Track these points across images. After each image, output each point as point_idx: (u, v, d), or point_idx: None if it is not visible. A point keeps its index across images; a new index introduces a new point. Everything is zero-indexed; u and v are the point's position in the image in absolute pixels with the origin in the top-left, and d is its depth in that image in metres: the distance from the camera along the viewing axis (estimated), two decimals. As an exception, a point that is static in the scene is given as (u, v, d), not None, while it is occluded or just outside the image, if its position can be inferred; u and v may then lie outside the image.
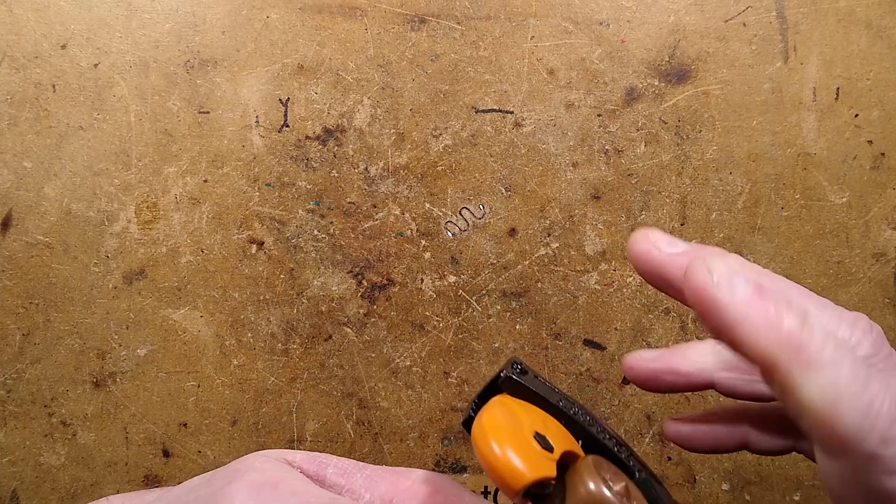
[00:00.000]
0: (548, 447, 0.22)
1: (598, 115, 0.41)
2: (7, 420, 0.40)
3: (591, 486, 0.21)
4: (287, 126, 0.41)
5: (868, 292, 0.41)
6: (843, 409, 0.19)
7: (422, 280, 0.41)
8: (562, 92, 0.41)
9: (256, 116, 0.40)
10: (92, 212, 0.40)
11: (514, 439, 0.21)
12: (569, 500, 0.22)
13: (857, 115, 0.40)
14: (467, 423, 0.23)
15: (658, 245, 0.23)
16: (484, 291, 0.41)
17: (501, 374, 0.24)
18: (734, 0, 0.41)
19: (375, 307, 0.41)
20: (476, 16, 0.41)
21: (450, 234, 0.41)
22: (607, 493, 0.21)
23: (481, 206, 0.41)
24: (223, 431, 0.40)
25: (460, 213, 0.41)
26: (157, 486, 0.40)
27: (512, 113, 0.41)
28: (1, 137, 0.40)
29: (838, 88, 0.41)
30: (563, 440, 0.23)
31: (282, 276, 0.41)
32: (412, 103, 0.41)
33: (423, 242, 0.41)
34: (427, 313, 0.41)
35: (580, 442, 0.24)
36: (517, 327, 0.41)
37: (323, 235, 0.41)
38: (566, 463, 0.23)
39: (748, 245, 0.41)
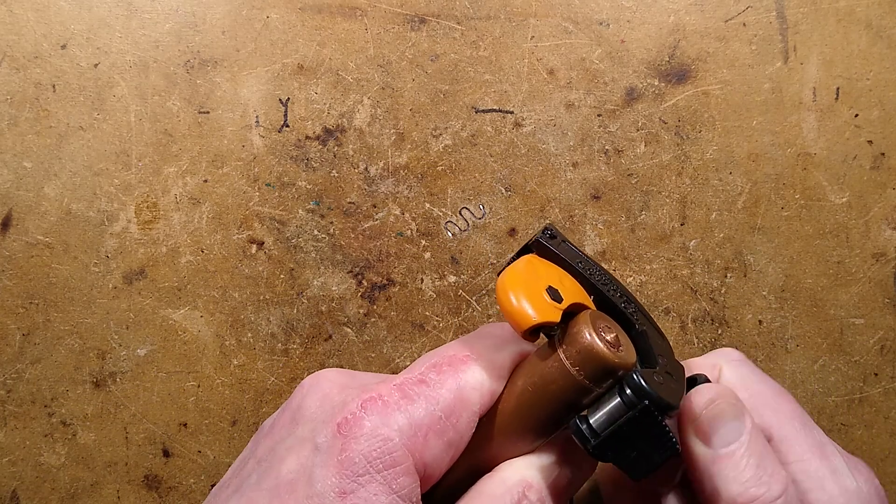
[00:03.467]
0: (557, 298, 0.26)
1: (598, 115, 0.41)
2: (7, 420, 0.40)
3: (585, 333, 0.25)
4: (287, 126, 0.41)
5: (868, 292, 0.41)
6: None
7: (422, 280, 0.41)
8: (562, 92, 0.41)
9: (256, 116, 0.40)
10: (92, 212, 0.40)
11: (527, 289, 0.25)
12: (566, 343, 0.25)
13: (857, 115, 0.40)
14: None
15: None
16: (484, 291, 0.41)
17: (532, 239, 0.28)
18: (734, 0, 0.41)
19: (375, 307, 0.41)
20: (476, 16, 0.41)
21: (450, 234, 0.41)
22: (597, 339, 0.25)
23: (481, 206, 0.41)
24: (223, 431, 0.40)
25: (460, 213, 0.41)
26: (157, 487, 0.40)
27: (512, 113, 0.41)
28: (1, 137, 0.40)
29: (838, 88, 0.41)
30: (574, 295, 0.27)
31: (282, 276, 0.41)
32: (412, 103, 0.41)
33: (423, 242, 0.41)
34: (427, 313, 0.41)
35: (593, 298, 0.28)
36: (517, 327, 0.41)
37: (323, 235, 0.41)
38: (573, 314, 0.26)
39: (748, 245, 0.41)
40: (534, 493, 0.26)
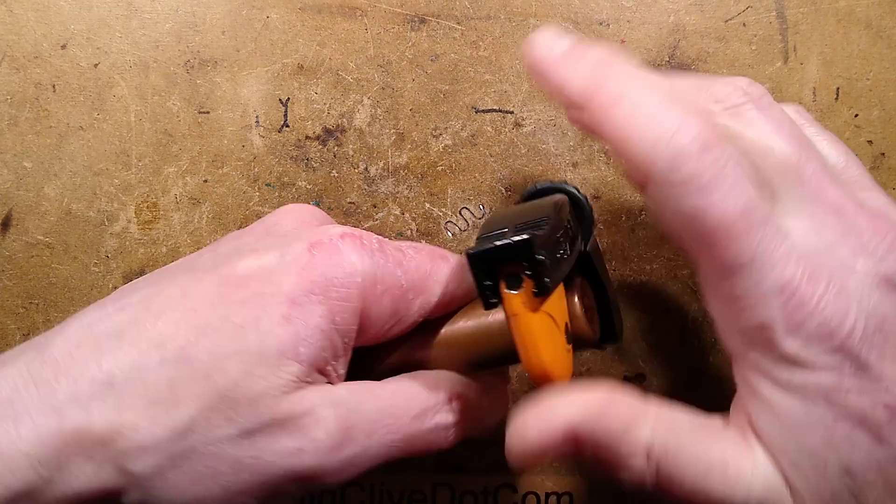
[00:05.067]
0: (569, 338, 0.26)
1: (598, 115, 0.41)
2: (7, 420, 0.40)
3: (583, 323, 0.28)
4: (287, 126, 0.41)
5: (868, 292, 0.40)
6: (635, 135, 0.24)
7: (422, 280, 0.41)
8: (562, 92, 0.41)
9: (256, 116, 0.40)
10: (92, 212, 0.40)
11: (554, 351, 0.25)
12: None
13: (857, 115, 0.40)
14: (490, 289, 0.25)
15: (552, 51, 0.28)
16: (484, 291, 0.41)
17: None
18: (734, 0, 0.41)
19: (375, 307, 0.41)
20: (476, 16, 0.41)
21: (450, 234, 0.41)
22: (587, 325, 0.28)
23: (481, 206, 0.41)
24: (223, 431, 0.40)
25: (460, 213, 0.41)
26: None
27: (512, 113, 0.41)
28: (1, 137, 0.40)
29: (838, 88, 0.41)
30: (561, 309, 0.27)
31: (282, 276, 0.41)
32: (412, 103, 0.41)
33: (424, 242, 0.41)
34: (427, 313, 0.41)
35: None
36: (517, 327, 0.41)
37: (323, 235, 0.41)
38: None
39: (748, 245, 0.41)
40: (457, 405, 0.27)
